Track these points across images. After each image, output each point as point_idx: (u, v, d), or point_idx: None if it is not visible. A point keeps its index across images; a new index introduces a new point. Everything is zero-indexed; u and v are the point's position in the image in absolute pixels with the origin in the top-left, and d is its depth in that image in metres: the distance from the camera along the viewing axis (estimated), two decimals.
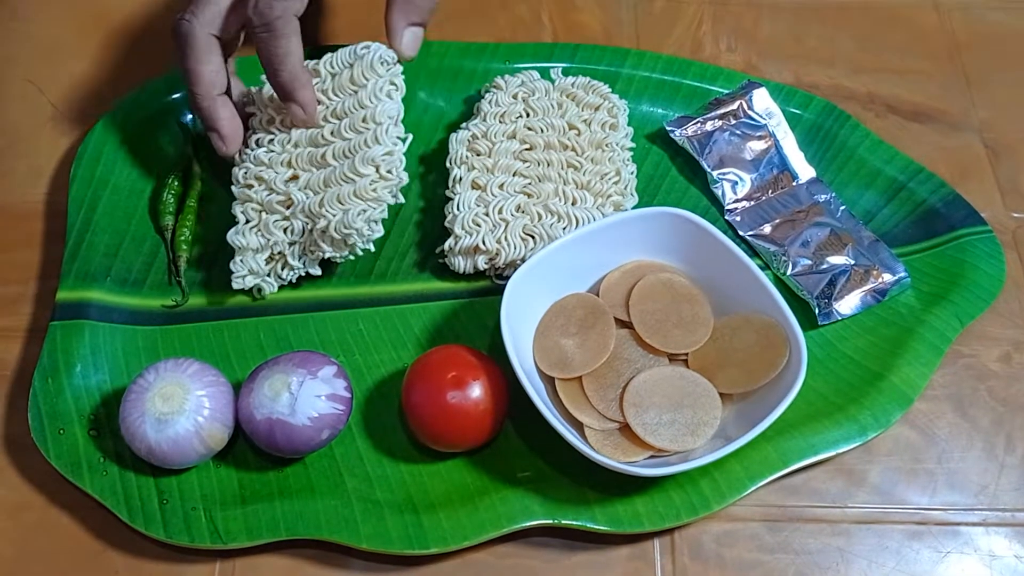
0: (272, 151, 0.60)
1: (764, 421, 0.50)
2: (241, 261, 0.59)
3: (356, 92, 0.59)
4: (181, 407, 0.51)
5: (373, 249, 0.59)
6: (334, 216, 0.56)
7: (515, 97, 0.65)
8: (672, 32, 0.74)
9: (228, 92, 0.60)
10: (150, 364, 0.53)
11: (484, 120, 0.64)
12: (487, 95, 0.65)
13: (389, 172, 0.57)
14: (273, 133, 0.60)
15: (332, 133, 0.59)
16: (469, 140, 0.63)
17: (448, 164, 0.63)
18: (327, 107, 0.60)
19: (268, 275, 0.60)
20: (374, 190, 0.57)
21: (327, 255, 0.58)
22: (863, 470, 0.56)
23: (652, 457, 0.53)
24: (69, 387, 0.56)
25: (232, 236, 0.59)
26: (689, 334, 0.56)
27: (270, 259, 0.59)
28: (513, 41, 0.71)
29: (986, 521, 0.54)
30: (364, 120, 0.58)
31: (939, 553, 0.53)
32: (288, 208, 0.58)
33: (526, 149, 0.63)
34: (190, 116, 0.66)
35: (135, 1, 0.75)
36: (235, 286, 0.59)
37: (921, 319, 0.59)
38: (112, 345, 0.58)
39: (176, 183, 0.63)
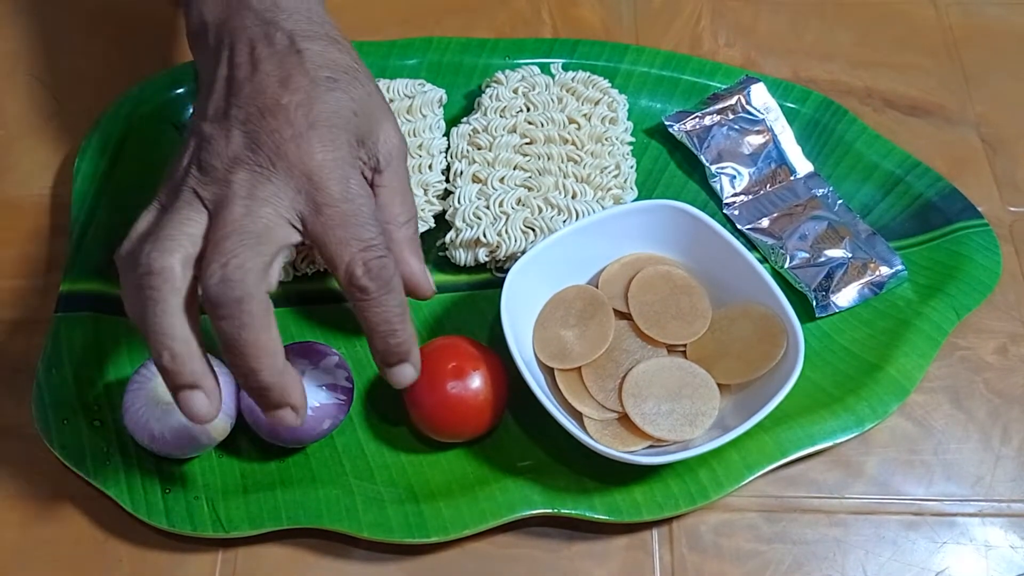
0: None
1: (762, 411, 0.51)
2: None
3: (412, 121, 0.64)
4: None
5: None
6: None
7: (515, 92, 0.65)
8: (671, 27, 0.74)
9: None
10: None
11: (485, 115, 0.64)
12: (488, 90, 0.66)
13: (436, 198, 0.62)
14: None
15: None
16: (470, 134, 0.64)
17: (449, 158, 0.64)
18: None
19: (290, 264, 0.60)
20: (422, 211, 0.61)
21: None
22: (860, 461, 0.56)
23: (651, 447, 0.53)
24: (73, 378, 0.56)
25: None
26: (687, 326, 0.56)
27: (297, 249, 0.60)
28: (513, 37, 0.72)
29: (982, 512, 0.55)
30: (419, 147, 0.63)
31: (935, 543, 0.54)
32: None
33: (526, 143, 0.63)
34: (192, 111, 0.67)
35: None
36: None
37: (918, 311, 0.59)
38: (115, 336, 0.58)
39: None
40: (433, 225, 0.62)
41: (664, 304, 0.57)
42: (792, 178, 0.65)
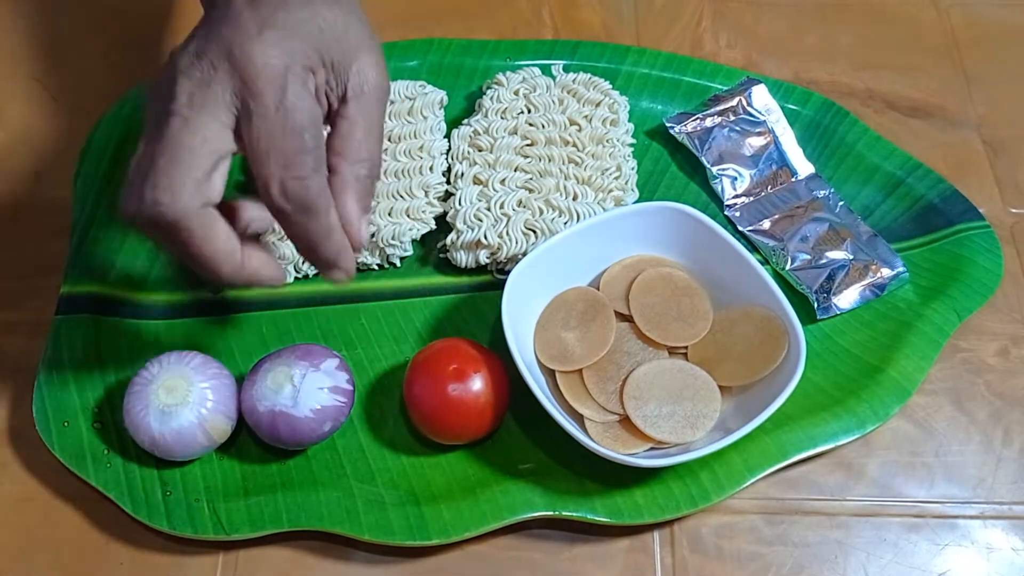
0: None
1: (763, 413, 0.51)
2: (274, 244, 0.59)
3: (412, 123, 0.64)
4: (184, 399, 0.52)
5: (399, 265, 0.61)
6: (384, 226, 0.60)
7: (516, 93, 0.65)
8: (672, 29, 0.74)
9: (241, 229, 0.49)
10: (154, 357, 0.54)
11: (486, 116, 0.64)
12: (489, 91, 0.66)
13: (438, 199, 0.62)
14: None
15: (386, 152, 0.63)
16: (471, 136, 0.64)
17: (450, 160, 0.64)
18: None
19: (292, 264, 0.60)
20: (423, 212, 0.61)
21: (360, 259, 0.61)
22: (861, 463, 0.56)
23: (652, 449, 0.53)
24: (73, 380, 0.56)
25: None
26: (688, 327, 0.56)
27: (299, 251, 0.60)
28: (514, 38, 0.71)
29: (983, 514, 0.55)
30: (420, 149, 0.63)
31: (937, 545, 0.54)
32: None
33: (527, 145, 0.63)
34: None
35: None
36: None
37: (919, 313, 0.59)
38: (116, 339, 0.58)
39: None
40: (434, 227, 0.62)
41: (665, 306, 0.57)
42: (793, 180, 0.65)
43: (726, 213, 0.64)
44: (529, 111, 0.65)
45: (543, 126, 0.63)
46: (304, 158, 0.44)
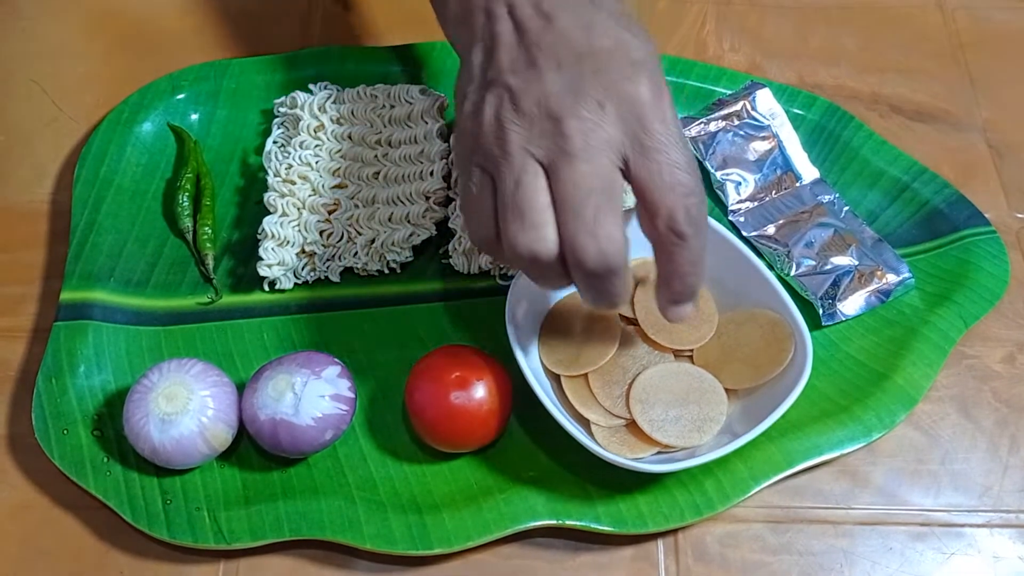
0: (319, 156, 0.62)
1: (772, 415, 0.51)
2: (273, 250, 0.59)
3: (411, 128, 0.63)
4: (185, 407, 0.51)
5: (400, 271, 0.61)
6: (385, 232, 0.59)
7: None
8: (676, 32, 0.74)
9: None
10: (154, 364, 0.53)
11: None
12: None
13: (438, 204, 0.61)
14: (320, 140, 0.62)
15: (385, 157, 0.62)
16: None
17: (449, 164, 0.63)
18: (381, 133, 0.63)
19: (291, 270, 0.60)
20: (424, 217, 0.60)
21: (360, 265, 0.60)
22: (867, 471, 0.56)
23: (659, 453, 0.53)
24: (73, 387, 0.56)
25: (271, 224, 0.59)
26: (694, 330, 0.56)
27: (299, 255, 0.60)
28: None
29: (990, 523, 0.54)
30: (421, 154, 0.62)
31: (943, 554, 0.53)
32: (331, 213, 0.60)
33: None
34: (194, 116, 0.66)
35: (139, 1, 0.75)
36: (261, 272, 0.59)
37: (925, 320, 0.59)
38: (116, 345, 0.58)
39: (188, 185, 0.63)
40: (435, 232, 0.61)
41: None
42: (798, 184, 0.65)
43: (730, 218, 0.64)
44: None
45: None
46: (700, 184, 0.46)
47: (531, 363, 0.54)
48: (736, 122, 0.65)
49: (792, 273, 0.60)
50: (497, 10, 0.48)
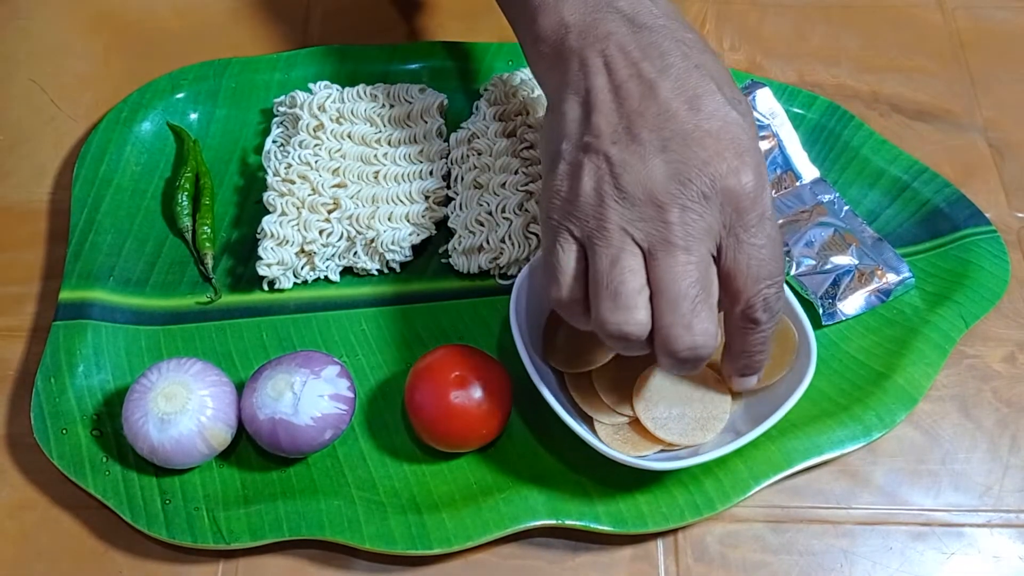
0: (319, 156, 0.62)
1: (776, 413, 0.51)
2: (272, 249, 0.59)
3: (411, 127, 0.64)
4: (184, 407, 0.51)
5: (400, 271, 0.61)
6: (384, 231, 0.59)
7: (514, 95, 0.65)
8: None
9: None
10: (153, 364, 0.53)
11: (484, 119, 0.64)
12: (486, 94, 0.65)
13: (438, 204, 0.62)
14: (320, 139, 0.62)
15: (385, 156, 0.62)
16: (469, 139, 0.63)
17: (449, 163, 0.63)
18: (381, 132, 0.63)
19: (290, 270, 0.60)
20: (423, 217, 0.60)
21: (359, 264, 0.60)
22: (867, 471, 0.55)
23: (662, 451, 0.53)
24: (72, 387, 0.55)
25: (270, 223, 0.59)
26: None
27: (298, 254, 0.60)
28: (516, 41, 0.71)
29: (990, 523, 0.54)
30: (420, 154, 0.63)
31: (943, 554, 0.53)
32: (330, 212, 0.60)
33: (526, 147, 0.62)
34: (194, 115, 0.66)
35: (138, 0, 0.75)
36: (260, 272, 0.59)
37: (925, 319, 0.59)
38: (115, 345, 0.57)
39: (187, 184, 0.63)
40: (434, 232, 0.61)
41: None
42: (798, 184, 0.65)
43: None
44: (527, 113, 0.64)
45: (542, 128, 0.63)
46: (779, 281, 0.47)
47: (535, 361, 0.54)
48: None
49: (792, 273, 0.60)
50: (591, 60, 0.48)
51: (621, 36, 0.48)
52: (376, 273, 0.61)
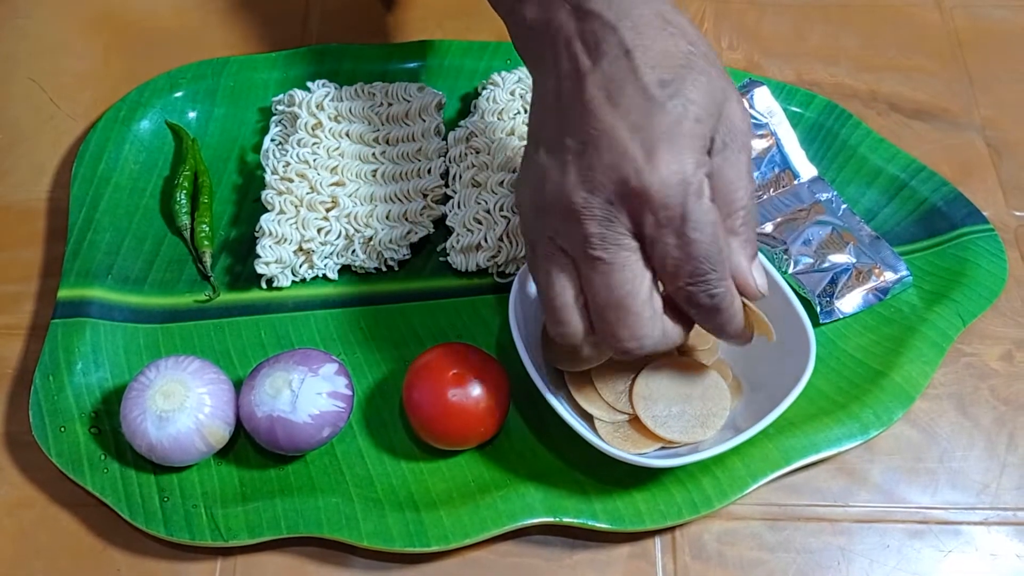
0: (317, 154, 0.62)
1: (777, 409, 0.51)
2: (270, 247, 0.59)
3: (409, 126, 0.64)
4: (182, 404, 0.51)
5: (398, 269, 0.61)
6: (382, 230, 0.59)
7: (512, 94, 0.65)
8: None
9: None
10: (151, 362, 0.53)
11: (482, 117, 0.64)
12: (484, 92, 0.65)
13: (436, 203, 0.62)
14: (318, 138, 0.62)
15: (383, 155, 0.62)
16: (467, 138, 0.63)
17: (446, 162, 0.63)
18: (379, 130, 0.63)
19: (288, 268, 0.60)
20: (421, 215, 0.61)
21: (358, 263, 0.60)
22: (864, 469, 0.55)
23: (662, 448, 0.53)
24: (70, 385, 0.56)
25: (268, 222, 0.59)
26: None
27: (296, 253, 0.60)
28: None
29: (987, 520, 0.54)
30: (418, 152, 0.63)
31: (941, 552, 0.53)
32: (329, 210, 0.60)
33: (525, 146, 0.62)
34: (192, 113, 0.66)
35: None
36: (258, 270, 0.59)
37: (923, 317, 0.59)
38: (113, 343, 0.58)
39: (186, 182, 0.63)
40: (432, 230, 0.61)
41: None
42: (796, 182, 0.65)
43: None
44: (525, 111, 0.64)
45: None
46: (710, 275, 0.45)
47: (534, 359, 0.54)
48: None
49: (790, 271, 0.60)
50: (546, 58, 0.47)
51: (568, 31, 0.46)
52: (374, 271, 0.61)
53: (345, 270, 0.61)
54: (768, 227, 0.63)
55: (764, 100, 0.66)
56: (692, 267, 0.45)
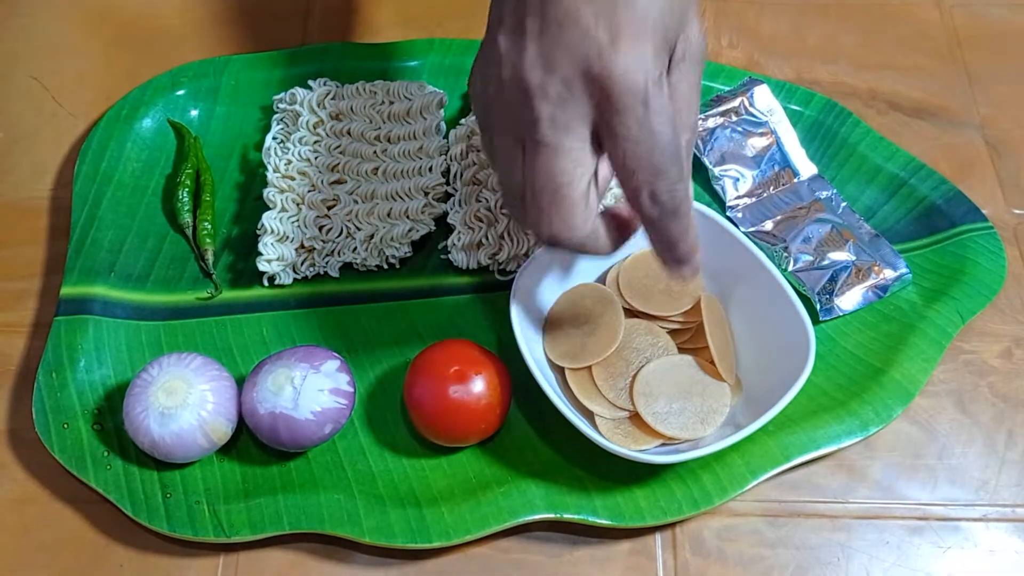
0: (318, 152, 0.62)
1: (777, 405, 0.51)
2: (272, 245, 0.59)
3: (410, 124, 0.64)
4: (184, 401, 0.51)
5: (399, 267, 0.61)
6: (384, 228, 0.60)
7: None
8: None
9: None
10: (153, 359, 0.54)
11: None
12: None
13: (437, 200, 0.62)
14: (319, 136, 0.63)
15: (384, 153, 0.63)
16: (468, 136, 0.63)
17: (448, 160, 0.63)
18: (380, 129, 0.63)
19: (290, 266, 0.60)
20: (422, 213, 0.61)
21: (359, 260, 0.60)
22: (864, 465, 0.56)
23: (662, 444, 0.53)
24: (73, 382, 0.56)
25: (270, 220, 0.60)
26: (674, 301, 0.56)
27: (298, 250, 0.60)
28: None
29: (986, 517, 0.54)
30: (419, 150, 0.63)
31: (940, 548, 0.54)
32: (330, 208, 0.60)
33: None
34: (194, 112, 0.67)
35: None
36: (260, 268, 0.60)
37: (922, 315, 0.59)
38: (116, 340, 0.58)
39: (188, 180, 0.63)
40: (434, 228, 0.62)
41: (653, 279, 0.57)
42: (795, 180, 0.65)
43: (728, 214, 0.64)
44: None
45: None
46: (671, 169, 0.43)
47: (535, 356, 0.54)
48: (734, 118, 0.66)
49: (790, 269, 0.60)
50: None
51: None
52: (376, 269, 0.61)
53: (347, 268, 0.62)
54: (768, 225, 0.63)
55: (764, 98, 0.66)
56: (654, 160, 0.43)
